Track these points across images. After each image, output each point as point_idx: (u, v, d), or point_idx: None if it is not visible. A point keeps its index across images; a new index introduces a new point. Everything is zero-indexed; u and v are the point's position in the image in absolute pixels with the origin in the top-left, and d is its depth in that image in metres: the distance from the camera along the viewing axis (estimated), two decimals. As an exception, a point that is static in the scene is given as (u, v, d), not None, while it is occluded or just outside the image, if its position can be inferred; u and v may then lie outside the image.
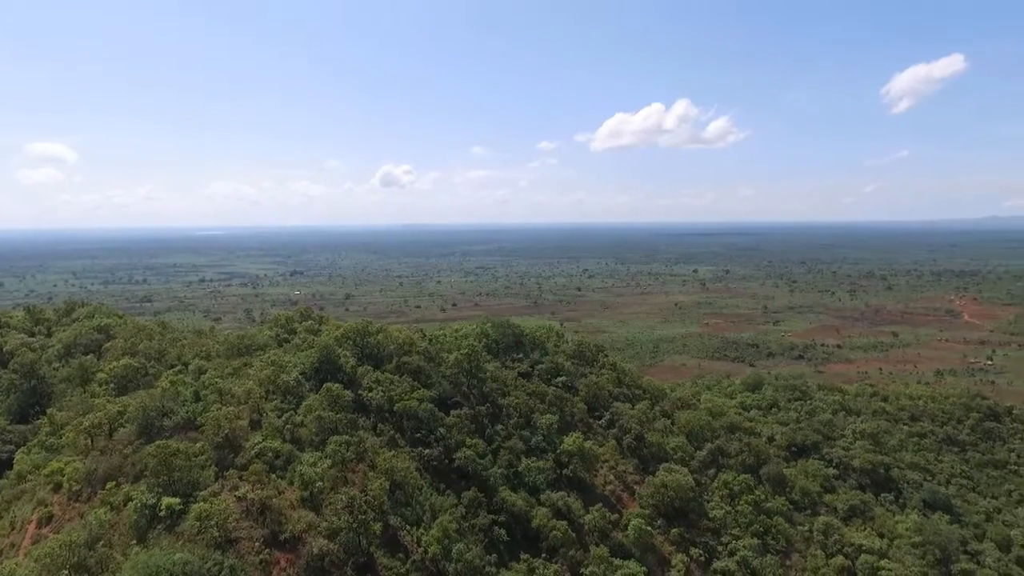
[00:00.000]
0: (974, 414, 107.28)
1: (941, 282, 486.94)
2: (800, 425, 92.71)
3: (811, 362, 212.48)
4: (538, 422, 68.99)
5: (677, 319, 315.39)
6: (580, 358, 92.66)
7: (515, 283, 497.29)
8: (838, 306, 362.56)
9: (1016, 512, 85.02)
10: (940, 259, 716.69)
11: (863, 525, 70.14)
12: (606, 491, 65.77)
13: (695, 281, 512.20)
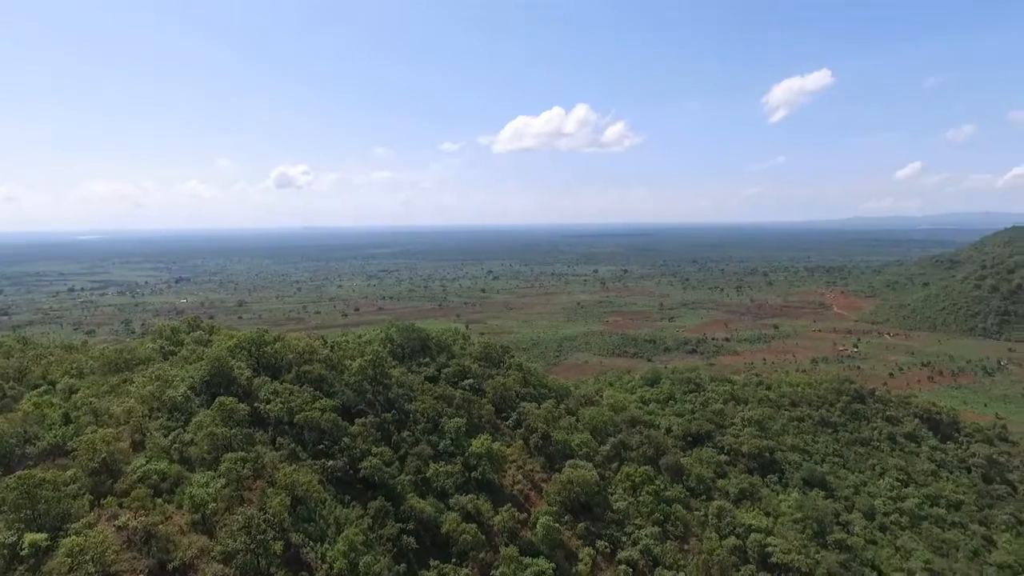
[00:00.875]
0: (844, 397, 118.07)
1: (814, 277, 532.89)
2: (695, 416, 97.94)
3: (704, 355, 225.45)
4: (446, 426, 68.48)
5: (579, 318, 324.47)
6: (487, 360, 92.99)
7: (420, 286, 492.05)
8: (726, 302, 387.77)
9: (879, 484, 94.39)
10: (812, 256, 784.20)
11: (752, 506, 75.16)
12: (515, 491, 66.36)
13: (596, 281, 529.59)
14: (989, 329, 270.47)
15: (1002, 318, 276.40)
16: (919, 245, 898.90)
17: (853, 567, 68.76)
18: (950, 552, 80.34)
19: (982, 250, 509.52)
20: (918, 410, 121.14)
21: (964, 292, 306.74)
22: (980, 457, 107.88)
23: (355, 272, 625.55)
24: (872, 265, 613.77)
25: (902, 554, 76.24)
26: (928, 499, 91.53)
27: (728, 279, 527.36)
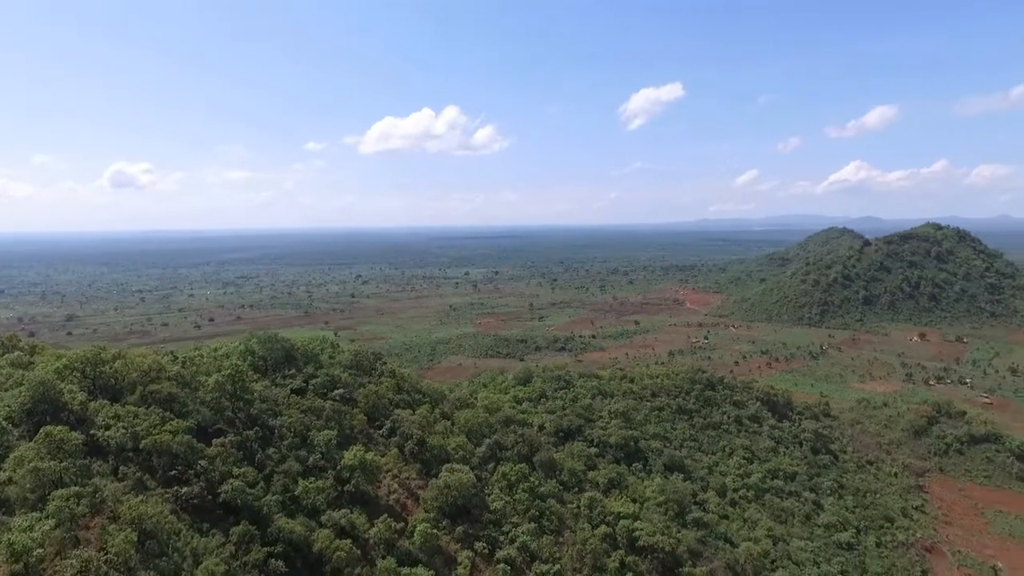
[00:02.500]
0: (697, 386, 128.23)
1: (669, 275, 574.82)
2: (566, 412, 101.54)
3: (572, 352, 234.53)
4: (315, 440, 65.25)
5: (452, 321, 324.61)
6: (357, 368, 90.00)
7: (283, 293, 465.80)
8: (592, 300, 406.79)
9: (728, 463, 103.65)
10: (667, 256, 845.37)
11: (620, 494, 79.19)
12: (391, 500, 64.75)
13: (467, 283, 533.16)
14: (813, 318, 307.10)
15: (823, 308, 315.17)
16: (757, 245, 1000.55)
17: (709, 541, 74.74)
18: (788, 519, 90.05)
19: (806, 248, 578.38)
20: (759, 394, 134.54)
21: (793, 286, 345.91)
22: (809, 432, 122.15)
23: (209, 279, 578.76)
24: (718, 263, 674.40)
25: (749, 525, 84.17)
26: (769, 473, 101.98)
27: (593, 279, 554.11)
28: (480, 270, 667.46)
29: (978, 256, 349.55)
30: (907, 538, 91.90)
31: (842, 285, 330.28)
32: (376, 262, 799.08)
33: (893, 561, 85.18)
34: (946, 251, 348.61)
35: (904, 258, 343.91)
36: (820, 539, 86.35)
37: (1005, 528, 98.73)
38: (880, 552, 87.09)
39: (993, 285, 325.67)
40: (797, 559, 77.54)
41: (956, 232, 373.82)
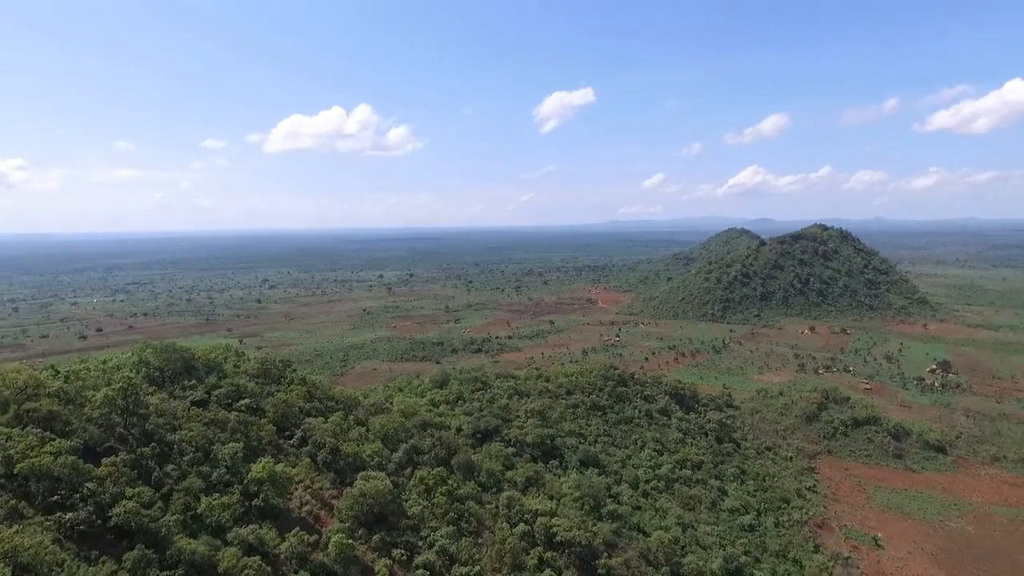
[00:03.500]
0: (610, 382, 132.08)
1: (582, 276, 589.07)
2: (483, 413, 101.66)
3: (488, 353, 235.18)
4: (219, 453, 61.73)
5: (366, 325, 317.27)
6: (265, 376, 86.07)
7: (181, 299, 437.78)
8: (507, 301, 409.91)
9: (640, 456, 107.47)
10: (580, 257, 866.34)
11: (537, 492, 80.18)
12: (303, 513, 62.32)
13: (381, 286, 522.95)
14: (716, 314, 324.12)
15: (724, 305, 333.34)
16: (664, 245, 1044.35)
17: (624, 532, 77.06)
18: (695, 506, 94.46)
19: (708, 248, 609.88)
20: (668, 388, 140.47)
21: (697, 284, 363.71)
22: (714, 422, 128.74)
23: (95, 286, 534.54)
24: (628, 263, 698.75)
25: (660, 514, 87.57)
26: (678, 463, 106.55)
27: (508, 280, 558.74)
28: (394, 272, 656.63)
29: (858, 254, 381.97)
30: (801, 516, 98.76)
31: (741, 283, 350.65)
32: (284, 266, 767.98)
33: (790, 539, 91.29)
34: (831, 250, 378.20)
35: (795, 257, 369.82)
36: (725, 523, 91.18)
37: (883, 501, 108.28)
38: (778, 531, 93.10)
39: (871, 281, 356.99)
40: (704, 543, 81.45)
41: (839, 232, 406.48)
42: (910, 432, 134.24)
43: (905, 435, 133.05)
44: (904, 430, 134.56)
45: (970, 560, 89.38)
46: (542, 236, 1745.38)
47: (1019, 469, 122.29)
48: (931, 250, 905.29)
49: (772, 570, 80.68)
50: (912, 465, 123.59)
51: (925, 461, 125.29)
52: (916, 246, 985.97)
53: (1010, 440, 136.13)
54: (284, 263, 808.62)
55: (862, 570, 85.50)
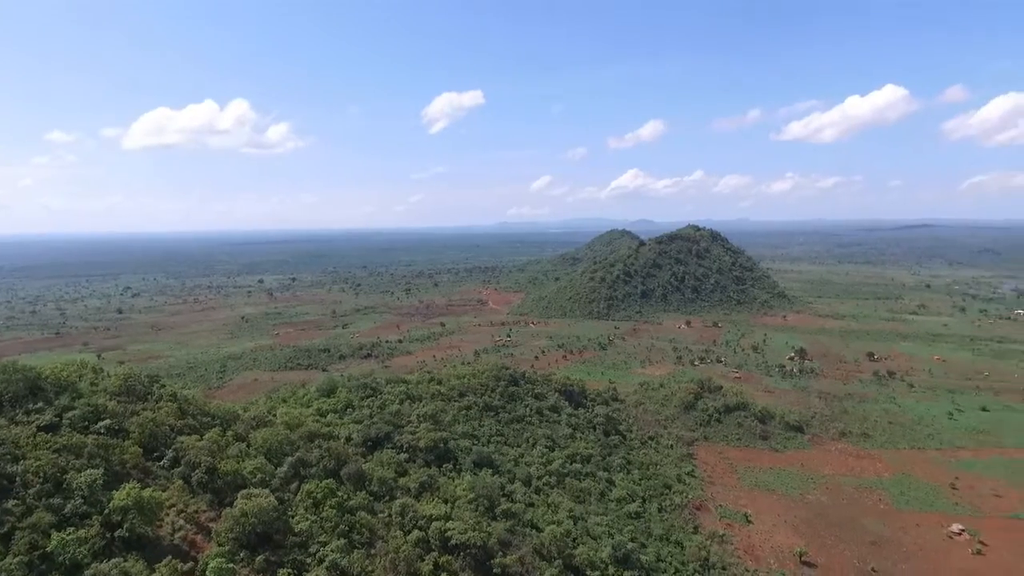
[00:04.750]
0: (502, 382, 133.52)
1: (472, 277, 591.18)
2: (374, 420, 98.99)
3: (378, 359, 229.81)
4: (74, 482, 55.46)
5: (245, 333, 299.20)
6: (128, 394, 78.56)
7: (23, 311, 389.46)
8: (397, 304, 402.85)
9: (532, 453, 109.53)
10: (470, 258, 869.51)
11: (432, 497, 79.31)
12: (176, 539, 57.46)
13: (262, 291, 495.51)
14: (601, 312, 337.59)
15: (609, 303, 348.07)
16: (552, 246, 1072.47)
17: (518, 530, 78.10)
18: (585, 498, 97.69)
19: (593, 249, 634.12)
20: (557, 385, 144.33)
21: (583, 283, 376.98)
22: (601, 416, 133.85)
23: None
24: (518, 264, 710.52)
25: (553, 508, 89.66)
26: (568, 458, 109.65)
27: (398, 282, 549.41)
28: (276, 277, 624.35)
29: (727, 253, 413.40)
30: (682, 500, 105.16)
31: (624, 281, 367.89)
32: (150, 271, 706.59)
33: (672, 522, 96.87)
34: (703, 249, 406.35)
35: (672, 256, 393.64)
36: (613, 512, 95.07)
37: (752, 480, 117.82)
38: (662, 516, 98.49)
39: (738, 277, 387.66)
40: (594, 533, 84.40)
41: (710, 233, 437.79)
42: (774, 415, 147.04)
43: (770, 418, 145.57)
44: (769, 413, 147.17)
45: (824, 527, 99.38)
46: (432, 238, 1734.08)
47: (861, 442, 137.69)
48: (788, 248, 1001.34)
49: (656, 553, 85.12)
50: (776, 445, 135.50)
51: (786, 440, 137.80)
52: (776, 245, 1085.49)
53: (854, 417, 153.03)
54: (150, 269, 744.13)
55: (735, 545, 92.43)
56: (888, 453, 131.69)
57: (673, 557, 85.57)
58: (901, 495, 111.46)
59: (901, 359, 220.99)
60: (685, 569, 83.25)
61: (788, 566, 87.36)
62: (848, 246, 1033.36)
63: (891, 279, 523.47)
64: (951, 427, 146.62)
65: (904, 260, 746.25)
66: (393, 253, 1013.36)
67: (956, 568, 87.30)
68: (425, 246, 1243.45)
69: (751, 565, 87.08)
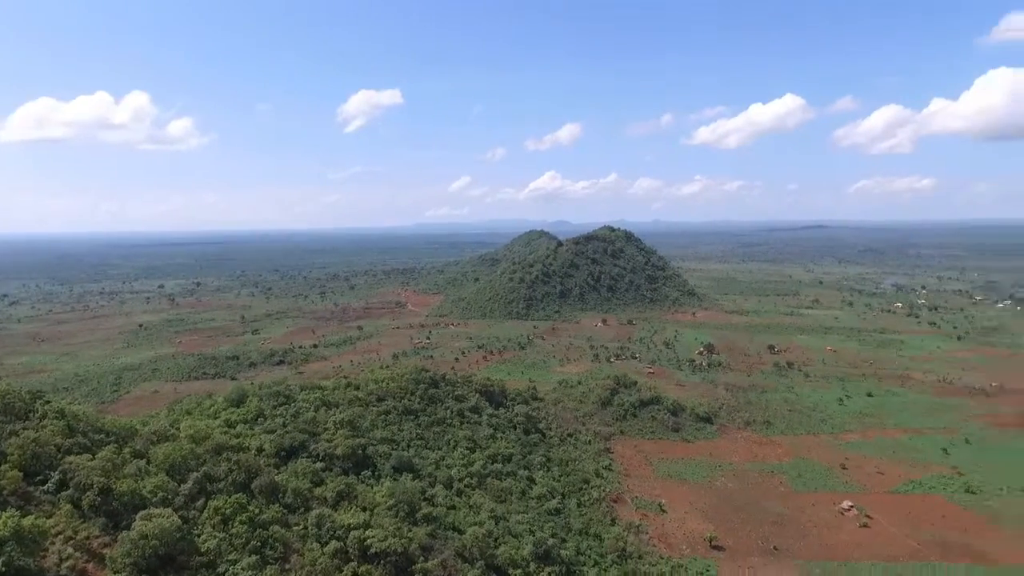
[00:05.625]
0: (421, 385, 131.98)
1: (390, 279, 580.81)
2: (287, 429, 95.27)
3: (292, 365, 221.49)
4: (-60, 514, 49.80)
5: (144, 342, 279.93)
6: (6, 412, 71.40)
7: None
8: (311, 308, 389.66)
9: (453, 455, 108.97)
10: (388, 260, 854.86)
11: (350, 505, 77.18)
12: (63, 570, 52.78)
13: (162, 297, 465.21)
14: (521, 313, 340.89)
15: (528, 303, 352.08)
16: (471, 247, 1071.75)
17: (439, 534, 77.43)
18: (507, 497, 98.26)
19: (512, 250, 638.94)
20: (478, 386, 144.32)
21: (502, 284, 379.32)
22: (521, 415, 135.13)
23: None
24: (437, 265, 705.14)
25: (474, 510, 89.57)
26: (490, 458, 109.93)
27: (312, 286, 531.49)
28: (178, 282, 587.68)
29: (640, 253, 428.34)
30: (600, 494, 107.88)
31: (542, 281, 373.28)
32: (31, 277, 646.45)
33: (591, 516, 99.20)
34: (618, 249, 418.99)
35: (588, 256, 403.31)
36: (534, 510, 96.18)
37: (665, 471, 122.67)
38: (581, 511, 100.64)
39: (651, 276, 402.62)
40: (516, 532, 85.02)
41: (625, 233, 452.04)
42: (685, 408, 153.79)
43: (681, 410, 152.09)
44: (680, 406, 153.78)
45: (731, 511, 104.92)
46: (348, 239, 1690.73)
47: (763, 430, 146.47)
48: (697, 248, 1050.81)
49: (576, 547, 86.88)
50: (687, 436, 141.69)
51: (696, 431, 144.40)
52: (685, 245, 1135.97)
53: (757, 406, 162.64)
54: (32, 274, 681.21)
55: (650, 534, 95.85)
56: (787, 439, 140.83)
57: (592, 550, 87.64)
58: (799, 477, 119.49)
59: (798, 351, 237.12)
60: (604, 561, 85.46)
61: (699, 551, 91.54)
62: (751, 246, 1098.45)
63: (789, 276, 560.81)
64: (841, 412, 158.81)
65: (800, 258, 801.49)
66: (307, 255, 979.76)
67: (846, 541, 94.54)
68: (341, 248, 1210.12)
69: (666, 552, 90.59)
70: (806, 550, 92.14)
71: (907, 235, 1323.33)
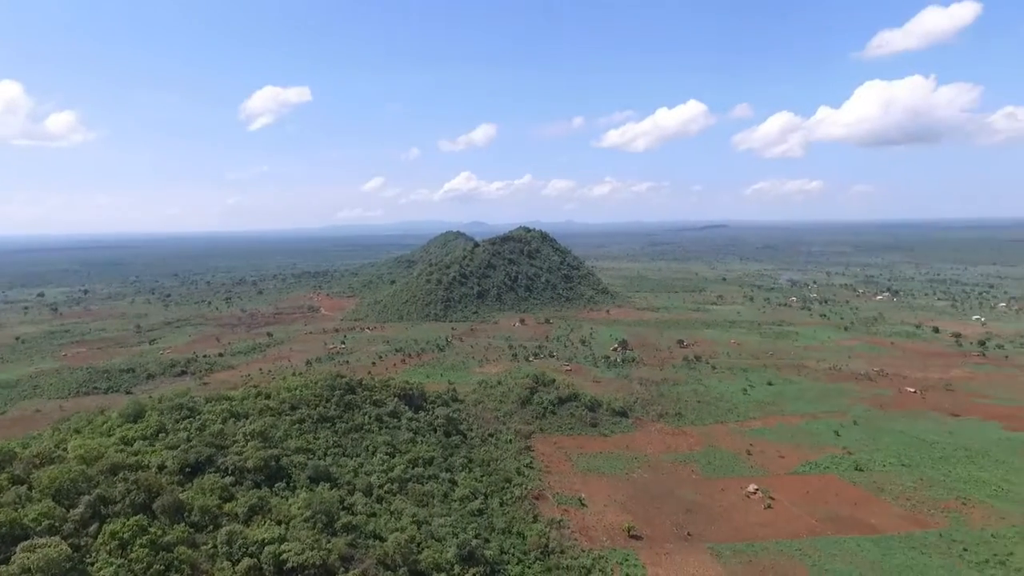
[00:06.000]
0: (337, 391, 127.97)
1: (301, 283, 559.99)
2: (192, 443, 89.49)
3: (195, 376, 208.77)
4: None
5: (22, 357, 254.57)
6: None
7: None
8: (216, 315, 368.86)
9: (372, 461, 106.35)
10: (298, 263, 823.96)
11: (263, 520, 73.51)
12: (-71, 614, 47.05)
13: (42, 306, 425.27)
14: (438, 314, 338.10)
15: (446, 304, 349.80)
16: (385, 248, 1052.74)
17: (360, 543, 75.22)
18: (429, 501, 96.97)
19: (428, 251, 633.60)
20: (396, 389, 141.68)
21: (419, 286, 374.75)
22: (441, 418, 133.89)
23: None
24: (351, 268, 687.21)
25: (395, 516, 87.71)
26: (410, 463, 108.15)
27: (216, 291, 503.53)
28: (62, 290, 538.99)
29: (556, 253, 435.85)
30: (521, 492, 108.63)
31: (460, 283, 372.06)
32: None
33: (513, 514, 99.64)
34: (534, 250, 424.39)
35: (505, 256, 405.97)
36: (457, 512, 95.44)
37: (585, 466, 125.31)
38: (504, 510, 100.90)
39: (566, 276, 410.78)
40: (439, 535, 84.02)
41: (540, 234, 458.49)
42: (601, 403, 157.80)
43: (598, 406, 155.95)
44: (597, 402, 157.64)
45: (647, 501, 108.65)
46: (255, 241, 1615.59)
47: (675, 421, 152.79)
48: (609, 247, 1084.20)
49: (500, 547, 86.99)
50: (604, 431, 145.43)
51: (613, 425, 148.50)
52: (598, 244, 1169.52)
53: (668, 399, 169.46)
54: None
55: (571, 529, 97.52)
56: (698, 429, 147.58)
57: (515, 548, 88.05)
58: (709, 464, 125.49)
59: (705, 344, 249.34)
60: (527, 558, 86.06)
61: (619, 542, 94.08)
62: (660, 245, 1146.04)
63: (695, 274, 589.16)
64: (746, 401, 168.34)
65: (705, 257, 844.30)
66: (209, 259, 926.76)
67: (752, 522, 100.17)
68: (247, 251, 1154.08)
69: (587, 545, 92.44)
70: (717, 533, 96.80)
71: (799, 233, 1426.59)
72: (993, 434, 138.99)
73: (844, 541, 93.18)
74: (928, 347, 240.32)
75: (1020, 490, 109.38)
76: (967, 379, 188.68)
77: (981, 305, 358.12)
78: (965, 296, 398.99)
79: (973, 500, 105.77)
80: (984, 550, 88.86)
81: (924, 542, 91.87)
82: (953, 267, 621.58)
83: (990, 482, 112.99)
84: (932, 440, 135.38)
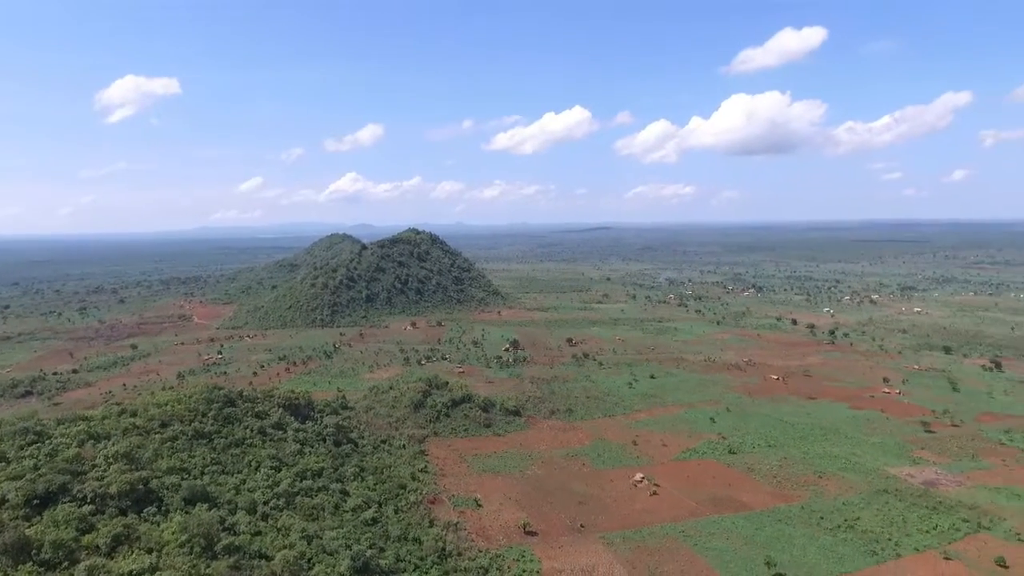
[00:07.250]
0: (215, 405, 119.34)
1: (170, 290, 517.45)
2: (40, 471, 79.60)
3: (44, 396, 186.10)
4: None
5: None
6: None
7: None
8: (68, 327, 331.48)
9: (256, 477, 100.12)
10: (166, 268, 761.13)
11: (131, 550, 66.86)
12: None
13: None
14: (325, 320, 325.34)
15: (333, 309, 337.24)
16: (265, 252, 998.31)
17: (244, 564, 70.46)
18: (319, 514, 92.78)
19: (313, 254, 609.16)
20: (281, 400, 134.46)
21: (304, 291, 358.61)
22: (331, 427, 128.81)
23: None
24: (227, 273, 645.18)
25: (283, 532, 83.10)
26: (298, 476, 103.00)
27: (67, 301, 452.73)
28: None
29: (446, 255, 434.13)
30: (417, 498, 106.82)
31: (347, 286, 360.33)
32: None
33: (409, 521, 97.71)
34: (424, 252, 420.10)
35: (395, 259, 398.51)
36: (349, 523, 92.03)
37: (480, 466, 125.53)
38: (399, 517, 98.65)
39: (457, 278, 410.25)
40: (331, 549, 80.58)
41: (430, 236, 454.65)
42: (495, 403, 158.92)
43: (491, 406, 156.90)
44: (491, 402, 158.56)
45: (541, 497, 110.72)
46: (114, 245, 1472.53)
47: (566, 417, 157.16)
48: (499, 249, 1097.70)
49: (396, 555, 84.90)
50: (498, 430, 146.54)
51: (507, 425, 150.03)
52: (488, 246, 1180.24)
53: (559, 396, 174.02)
54: None
55: (468, 530, 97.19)
56: (587, 423, 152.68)
57: (412, 554, 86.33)
58: (598, 457, 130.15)
59: (593, 342, 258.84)
60: (424, 563, 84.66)
61: (515, 539, 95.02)
62: (548, 246, 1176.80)
63: (582, 274, 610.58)
64: (631, 395, 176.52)
65: (591, 258, 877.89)
66: (59, 265, 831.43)
67: (639, 509, 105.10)
68: (105, 255, 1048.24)
69: (484, 545, 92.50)
70: (608, 523, 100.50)
71: (676, 235, 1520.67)
72: (842, 413, 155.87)
73: (721, 520, 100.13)
74: (788, 337, 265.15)
75: (865, 461, 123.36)
76: (820, 365, 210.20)
77: (830, 299, 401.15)
78: (817, 291, 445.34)
79: (828, 473, 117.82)
80: (837, 517, 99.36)
81: (788, 515, 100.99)
82: (807, 265, 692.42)
83: (840, 456, 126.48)
84: (793, 422, 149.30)
